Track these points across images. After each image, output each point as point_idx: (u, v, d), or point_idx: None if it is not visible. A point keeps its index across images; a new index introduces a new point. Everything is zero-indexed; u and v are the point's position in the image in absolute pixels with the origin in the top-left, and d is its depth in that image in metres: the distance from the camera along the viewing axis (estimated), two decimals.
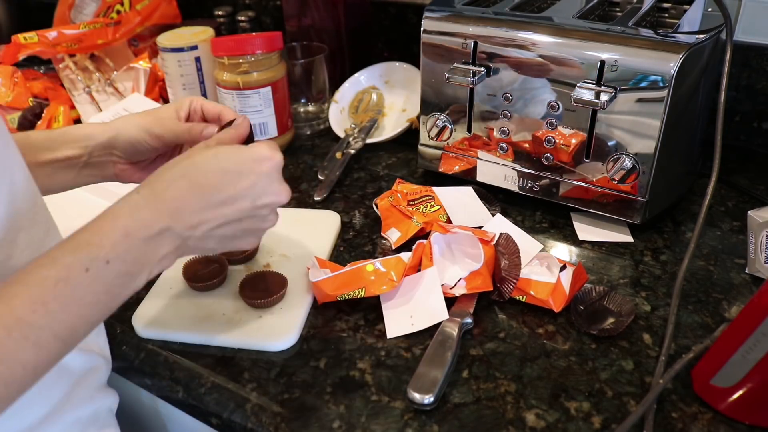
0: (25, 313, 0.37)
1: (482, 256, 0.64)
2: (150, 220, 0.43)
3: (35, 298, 0.38)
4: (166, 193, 0.44)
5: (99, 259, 0.40)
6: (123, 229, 0.42)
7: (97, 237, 0.41)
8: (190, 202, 0.45)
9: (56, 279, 0.39)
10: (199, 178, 0.45)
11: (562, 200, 0.78)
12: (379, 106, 1.04)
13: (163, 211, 0.44)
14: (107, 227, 0.42)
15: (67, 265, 0.39)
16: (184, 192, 0.44)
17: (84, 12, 1.22)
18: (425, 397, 0.54)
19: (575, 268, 0.64)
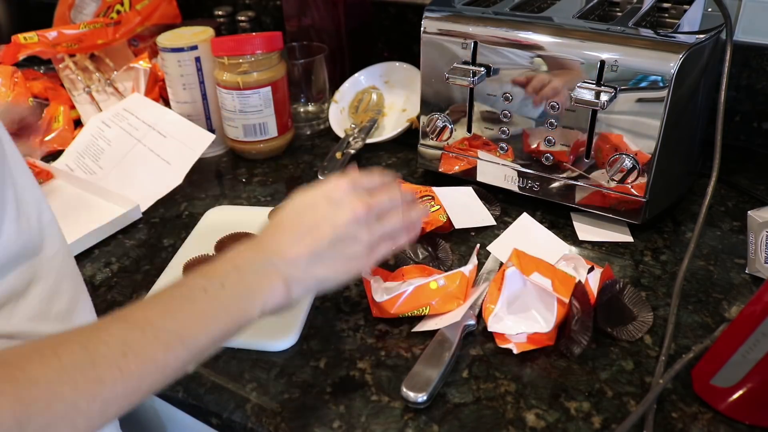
0: (156, 319, 0.44)
1: (554, 321, 0.59)
2: (255, 257, 0.50)
3: (165, 309, 0.45)
4: (263, 239, 0.52)
5: (215, 283, 0.47)
6: (232, 263, 0.49)
7: (212, 269, 0.49)
8: (283, 240, 0.51)
9: (181, 296, 0.46)
10: (283, 223, 0.53)
11: (562, 200, 0.78)
12: (379, 106, 1.04)
13: (264, 251, 0.51)
14: (222, 264, 0.49)
15: (189, 285, 0.47)
16: (276, 235, 0.52)
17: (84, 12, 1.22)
18: (418, 396, 0.54)
19: (603, 269, 0.63)
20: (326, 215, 0.52)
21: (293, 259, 0.50)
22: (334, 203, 0.53)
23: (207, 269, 0.49)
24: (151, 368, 0.43)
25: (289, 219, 0.53)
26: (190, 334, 0.45)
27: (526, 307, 0.61)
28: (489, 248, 0.74)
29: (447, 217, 0.76)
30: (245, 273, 0.49)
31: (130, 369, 0.41)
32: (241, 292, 0.48)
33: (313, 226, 0.52)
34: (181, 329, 0.45)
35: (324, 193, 0.53)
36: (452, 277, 0.64)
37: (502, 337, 0.60)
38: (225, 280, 0.48)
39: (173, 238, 0.79)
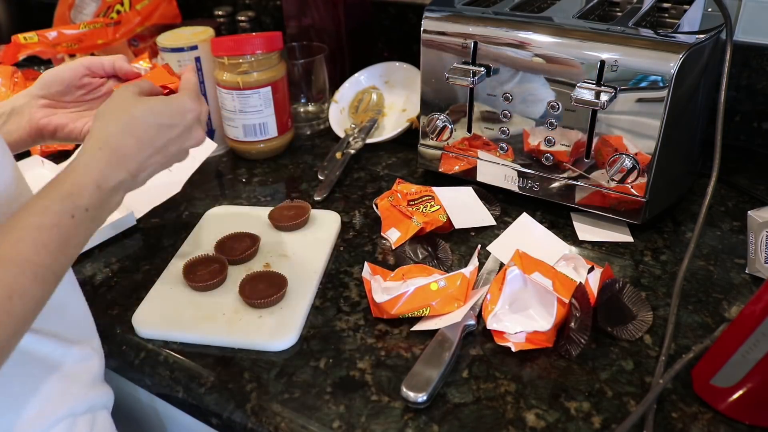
0: (31, 255, 0.44)
1: (554, 320, 0.59)
2: (112, 174, 0.52)
3: (37, 242, 0.45)
4: (120, 150, 0.53)
5: (81, 207, 0.48)
6: (94, 182, 0.50)
7: (77, 189, 0.49)
8: (137, 155, 0.54)
9: (50, 225, 0.46)
10: (140, 133, 0.54)
11: (562, 200, 0.78)
12: (379, 106, 1.04)
13: (120, 165, 0.53)
14: (82, 180, 0.50)
15: (57, 212, 0.47)
16: (132, 147, 0.54)
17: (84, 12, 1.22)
18: (418, 396, 0.54)
19: (603, 269, 0.64)
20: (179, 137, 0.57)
21: (139, 173, 0.55)
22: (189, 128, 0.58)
23: (68, 187, 0.49)
24: (32, 306, 0.44)
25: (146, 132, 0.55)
26: (60, 264, 0.47)
27: (525, 307, 0.61)
28: (489, 248, 0.74)
29: (447, 217, 0.76)
30: (104, 193, 0.51)
31: (16, 312, 0.42)
32: (99, 214, 0.51)
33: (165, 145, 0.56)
34: (53, 262, 0.46)
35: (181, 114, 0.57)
36: (453, 278, 0.64)
37: (500, 336, 0.61)
38: (88, 202, 0.49)
39: (173, 238, 0.79)
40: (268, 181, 0.92)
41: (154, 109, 0.56)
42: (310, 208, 0.79)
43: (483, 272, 0.70)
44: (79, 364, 0.56)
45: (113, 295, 0.71)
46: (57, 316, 0.54)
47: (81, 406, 0.56)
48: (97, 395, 0.58)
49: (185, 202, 0.87)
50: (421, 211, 0.77)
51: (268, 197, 0.88)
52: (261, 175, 0.93)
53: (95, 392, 0.58)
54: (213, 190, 0.90)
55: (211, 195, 0.89)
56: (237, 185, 0.91)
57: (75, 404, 0.55)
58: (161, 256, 0.76)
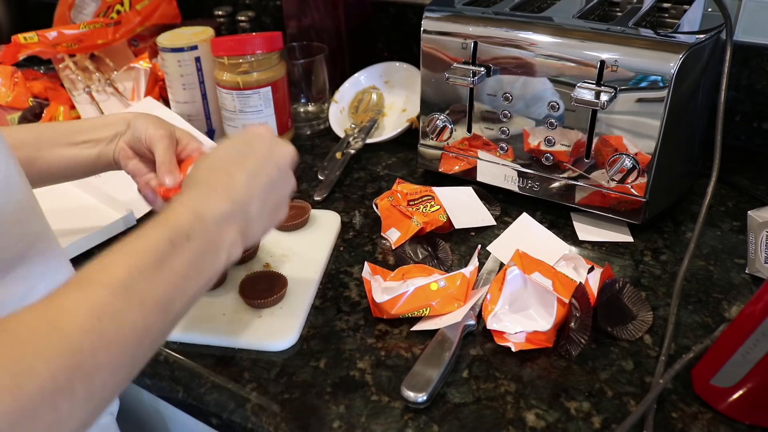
0: (125, 278, 0.39)
1: (553, 320, 0.59)
2: (214, 203, 0.47)
3: (132, 265, 0.40)
4: (214, 185, 0.48)
5: (181, 235, 0.43)
6: (193, 210, 0.45)
7: (173, 216, 0.45)
8: (236, 182, 0.49)
9: (145, 250, 0.42)
10: (226, 165, 0.50)
11: (562, 200, 0.78)
12: (379, 106, 1.04)
13: (221, 195, 0.47)
14: (180, 210, 0.45)
15: (153, 238, 0.43)
16: (225, 177, 0.49)
17: (84, 12, 1.22)
18: (419, 396, 0.54)
19: (603, 269, 0.63)
20: (267, 151, 0.52)
21: (247, 204, 0.49)
22: (266, 138, 0.54)
23: (168, 214, 0.45)
24: (132, 334, 0.39)
25: (231, 160, 0.51)
26: (163, 294, 0.41)
27: (525, 307, 0.61)
28: (489, 248, 0.74)
29: (447, 217, 0.76)
30: (206, 224, 0.45)
31: (109, 334, 0.37)
32: (206, 246, 0.45)
33: (260, 163, 0.51)
34: (153, 288, 0.41)
35: (253, 134, 0.54)
36: (453, 278, 0.64)
37: (500, 336, 0.61)
38: (189, 230, 0.44)
39: None
40: None
41: (222, 143, 0.54)
42: (310, 208, 0.79)
43: (483, 272, 0.70)
44: None
45: None
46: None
47: None
48: None
49: None
50: (421, 211, 0.77)
51: None
52: None
53: None
54: None
55: None
56: None
57: None
58: None
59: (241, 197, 0.48)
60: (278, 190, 0.52)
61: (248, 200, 0.49)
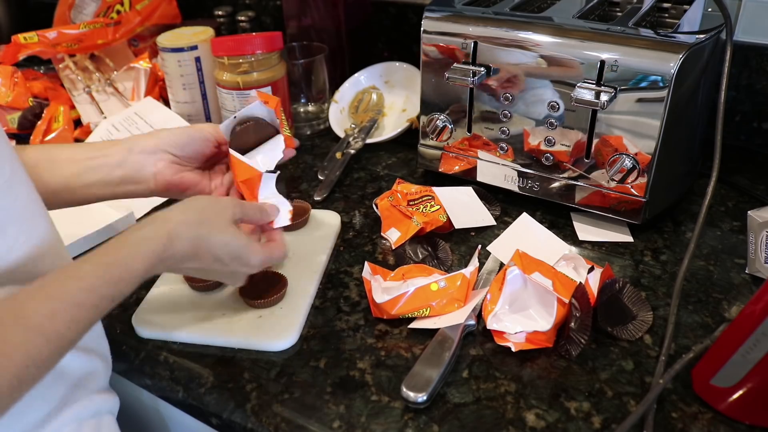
0: (63, 330, 0.44)
1: (553, 320, 0.58)
2: (157, 267, 0.52)
3: (73, 319, 0.45)
4: (177, 253, 0.53)
5: (124, 294, 0.49)
6: (144, 272, 0.51)
7: (128, 276, 0.49)
8: (185, 263, 0.55)
9: (91, 306, 0.46)
10: (201, 254, 0.55)
11: (562, 200, 0.78)
12: (379, 106, 1.04)
13: (171, 264, 0.54)
14: (136, 266, 0.50)
15: (102, 296, 0.47)
16: (186, 257, 0.54)
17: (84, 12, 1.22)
18: (419, 396, 0.54)
19: (603, 269, 0.63)
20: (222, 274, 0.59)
21: (177, 270, 0.57)
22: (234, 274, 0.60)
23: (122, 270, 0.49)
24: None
25: (206, 257, 0.55)
26: (79, 339, 0.46)
27: (525, 307, 0.61)
28: (489, 248, 0.74)
29: (447, 217, 0.76)
30: (144, 276, 0.51)
31: (28, 380, 0.42)
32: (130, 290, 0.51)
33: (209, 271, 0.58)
34: (78, 338, 0.46)
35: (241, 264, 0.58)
36: (453, 279, 0.64)
37: (500, 336, 0.61)
38: (131, 288, 0.50)
39: None
40: None
41: (228, 246, 0.57)
42: (310, 208, 0.79)
43: (483, 272, 0.70)
44: (87, 373, 0.56)
45: None
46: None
47: (86, 411, 0.56)
48: (102, 401, 0.58)
49: None
50: (421, 211, 0.77)
51: None
52: None
53: (101, 398, 0.58)
54: None
55: None
56: None
57: (81, 409, 0.55)
58: None
59: (179, 270, 0.57)
60: (214, 276, 0.61)
61: (182, 271, 0.58)
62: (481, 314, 0.62)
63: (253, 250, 0.58)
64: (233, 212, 0.58)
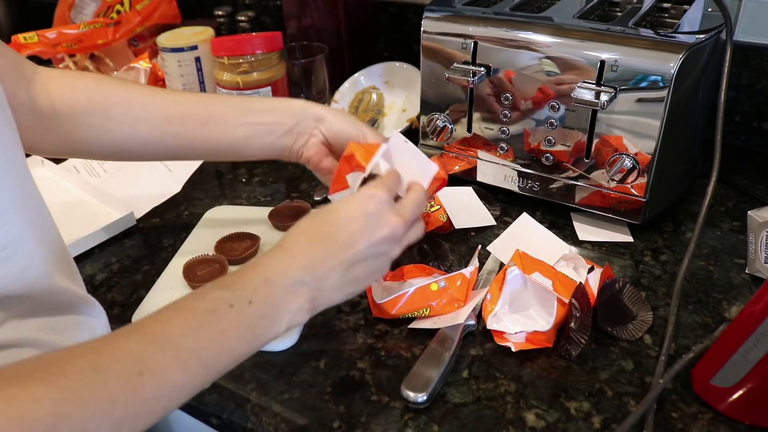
0: (176, 336, 0.41)
1: (553, 320, 0.58)
2: (286, 271, 0.48)
3: (186, 324, 0.42)
4: (294, 250, 0.49)
5: (243, 298, 0.45)
6: (263, 276, 0.47)
7: (242, 280, 0.46)
8: (316, 255, 0.49)
9: (205, 310, 0.44)
10: (314, 233, 0.50)
11: (562, 200, 0.78)
12: (379, 106, 1.04)
13: (296, 264, 0.48)
14: (250, 274, 0.47)
15: (215, 299, 0.44)
16: (307, 246, 0.49)
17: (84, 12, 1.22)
18: (418, 396, 0.54)
19: (603, 269, 0.63)
20: (364, 230, 0.50)
21: (325, 277, 0.49)
22: (372, 218, 0.50)
23: (233, 279, 0.46)
24: (168, 388, 0.40)
25: (323, 230, 0.50)
26: (211, 354, 0.43)
27: (525, 307, 0.61)
28: (489, 248, 0.74)
29: (447, 217, 0.76)
30: (274, 288, 0.47)
31: (145, 389, 0.39)
32: (267, 311, 0.46)
33: (350, 242, 0.49)
34: (202, 349, 0.42)
35: (361, 206, 0.51)
36: (453, 279, 0.64)
37: (500, 336, 0.61)
38: (253, 295, 0.45)
39: (173, 238, 0.79)
40: (268, 181, 0.92)
41: (329, 207, 0.52)
42: (310, 208, 0.79)
43: (483, 272, 0.70)
44: None
45: (113, 295, 0.71)
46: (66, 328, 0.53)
47: None
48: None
49: (185, 202, 0.87)
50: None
51: (268, 197, 0.88)
52: (261, 175, 0.93)
53: None
54: (213, 190, 0.90)
55: (211, 195, 0.89)
56: (237, 185, 0.91)
57: None
58: (161, 256, 0.76)
59: (320, 270, 0.48)
60: (369, 263, 0.51)
61: (328, 273, 0.49)
62: (481, 314, 0.62)
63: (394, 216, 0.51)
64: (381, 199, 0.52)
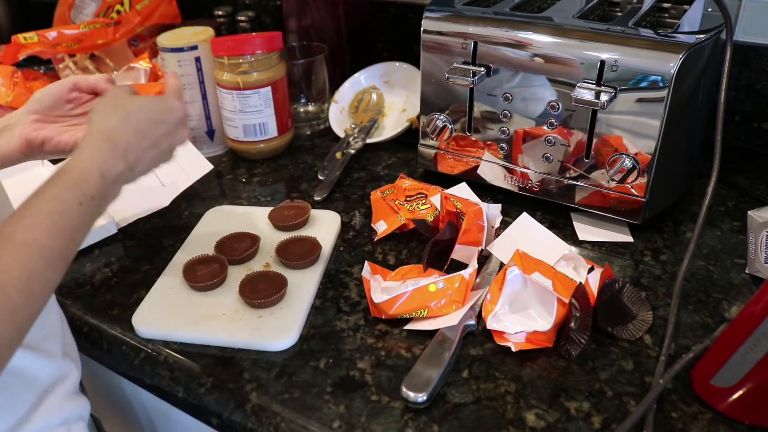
0: (45, 240, 0.46)
1: (553, 320, 0.59)
2: (115, 164, 0.54)
3: (50, 228, 0.47)
4: (119, 139, 0.55)
5: (87, 196, 0.50)
6: (99, 171, 0.52)
7: (83, 177, 0.51)
8: (134, 146, 0.56)
9: (60, 212, 0.48)
10: (137, 125, 0.57)
11: (562, 200, 0.78)
12: (379, 106, 1.04)
13: (120, 154, 0.55)
14: (88, 169, 0.52)
15: (67, 200, 0.49)
16: (130, 137, 0.56)
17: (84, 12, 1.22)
18: (418, 396, 0.54)
19: (603, 269, 0.63)
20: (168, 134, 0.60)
21: (136, 164, 0.57)
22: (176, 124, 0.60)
23: (79, 172, 0.51)
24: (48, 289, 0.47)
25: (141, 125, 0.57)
26: (70, 251, 0.49)
27: (525, 307, 0.61)
28: (489, 248, 0.74)
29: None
30: (107, 182, 0.53)
31: (35, 293, 0.45)
32: (102, 203, 0.53)
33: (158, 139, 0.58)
34: (65, 248, 0.48)
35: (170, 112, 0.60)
36: (452, 280, 0.64)
37: (500, 336, 0.61)
38: (94, 191, 0.51)
39: (173, 238, 0.79)
40: (268, 181, 0.92)
41: (148, 105, 0.59)
42: (310, 208, 0.79)
43: (483, 273, 0.70)
44: (56, 377, 0.57)
45: (113, 295, 0.71)
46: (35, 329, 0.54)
47: (56, 418, 0.56)
48: (72, 407, 0.59)
49: (185, 202, 0.87)
50: (410, 208, 0.77)
51: (268, 197, 0.88)
52: (261, 175, 0.93)
53: (71, 404, 0.58)
54: (213, 190, 0.90)
55: (211, 195, 0.89)
56: (237, 185, 0.91)
57: (50, 416, 0.56)
58: (161, 256, 0.76)
59: (136, 161, 0.56)
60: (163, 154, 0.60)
61: (139, 162, 0.57)
62: (481, 314, 0.62)
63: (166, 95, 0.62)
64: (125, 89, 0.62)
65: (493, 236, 0.72)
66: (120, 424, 0.80)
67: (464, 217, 0.68)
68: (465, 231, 0.68)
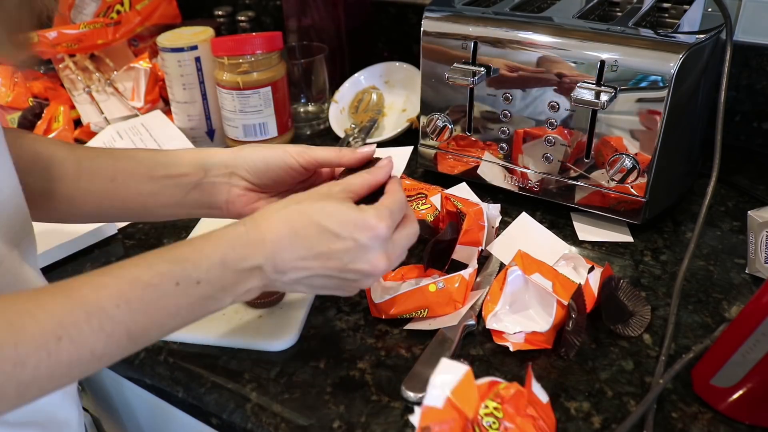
0: (109, 306, 0.39)
1: (552, 321, 0.58)
2: (247, 256, 0.44)
3: (122, 295, 0.40)
4: (266, 235, 0.45)
5: (191, 278, 0.42)
6: (221, 256, 0.44)
7: (196, 256, 0.43)
8: (285, 250, 0.46)
9: (147, 283, 0.40)
10: (298, 229, 0.46)
11: (562, 200, 0.78)
12: (379, 106, 1.04)
13: (261, 251, 0.45)
14: (208, 250, 0.44)
15: (161, 273, 0.41)
16: (283, 238, 0.46)
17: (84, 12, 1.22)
18: (418, 396, 0.54)
19: (603, 269, 0.63)
20: (345, 255, 0.46)
21: (283, 273, 0.46)
22: (360, 249, 0.46)
23: (187, 251, 0.43)
24: (87, 358, 0.38)
25: (306, 230, 0.46)
26: (141, 329, 0.40)
27: (525, 307, 0.61)
28: (489, 248, 0.74)
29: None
30: (228, 271, 0.43)
31: (60, 355, 0.37)
32: (214, 293, 0.43)
33: (324, 255, 0.46)
34: (132, 323, 0.40)
35: (356, 228, 0.46)
36: (451, 280, 0.64)
37: (499, 335, 0.61)
38: (203, 275, 0.42)
39: (173, 238, 0.79)
40: None
41: (327, 208, 0.47)
42: None
43: (483, 273, 0.70)
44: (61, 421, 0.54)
45: None
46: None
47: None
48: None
49: None
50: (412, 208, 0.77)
51: None
52: None
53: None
54: None
55: None
56: None
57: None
58: None
59: (282, 265, 0.46)
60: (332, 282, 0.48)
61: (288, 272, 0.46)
62: (481, 314, 0.62)
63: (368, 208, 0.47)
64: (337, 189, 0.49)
65: (493, 236, 0.72)
66: (120, 424, 0.80)
67: (465, 217, 0.68)
68: (466, 231, 0.68)
